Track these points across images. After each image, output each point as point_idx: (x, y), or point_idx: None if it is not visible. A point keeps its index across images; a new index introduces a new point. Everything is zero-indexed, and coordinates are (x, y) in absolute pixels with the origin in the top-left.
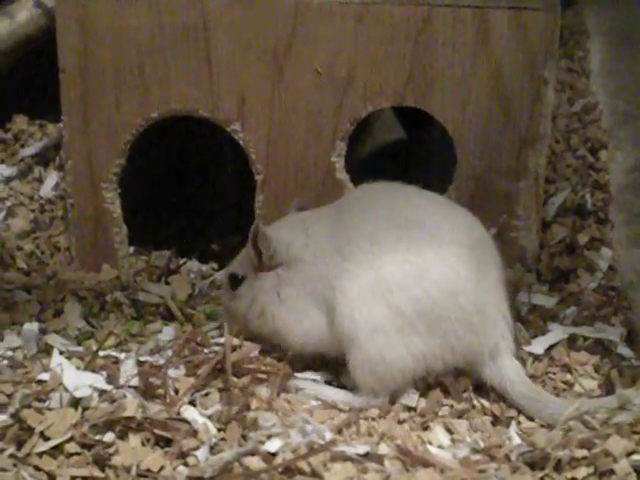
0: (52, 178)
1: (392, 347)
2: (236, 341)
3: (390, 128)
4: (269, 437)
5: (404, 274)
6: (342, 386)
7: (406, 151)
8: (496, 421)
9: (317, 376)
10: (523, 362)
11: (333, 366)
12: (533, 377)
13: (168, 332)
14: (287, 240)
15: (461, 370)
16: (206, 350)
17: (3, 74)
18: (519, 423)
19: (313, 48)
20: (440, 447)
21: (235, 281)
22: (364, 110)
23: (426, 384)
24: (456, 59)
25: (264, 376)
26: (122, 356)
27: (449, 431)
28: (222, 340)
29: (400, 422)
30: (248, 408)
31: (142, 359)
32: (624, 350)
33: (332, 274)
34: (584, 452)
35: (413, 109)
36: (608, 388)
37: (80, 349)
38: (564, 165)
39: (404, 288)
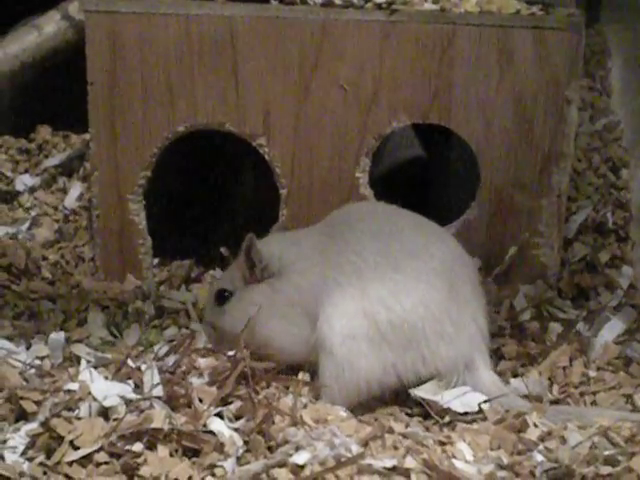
0: (76, 189)
1: (362, 355)
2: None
3: (409, 144)
4: (297, 449)
5: (384, 288)
6: None
7: (426, 167)
8: (519, 437)
9: None
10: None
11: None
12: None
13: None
14: (278, 252)
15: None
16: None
17: (29, 85)
18: (542, 440)
19: (339, 64)
20: (466, 462)
21: (222, 297)
22: (389, 126)
23: None
24: (480, 77)
25: (286, 386)
26: (144, 365)
27: (472, 446)
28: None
29: (425, 436)
30: (273, 421)
31: (162, 367)
32: None
33: (320, 284)
34: (608, 469)
35: (432, 125)
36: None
37: (105, 357)
38: (586, 183)
39: (381, 300)
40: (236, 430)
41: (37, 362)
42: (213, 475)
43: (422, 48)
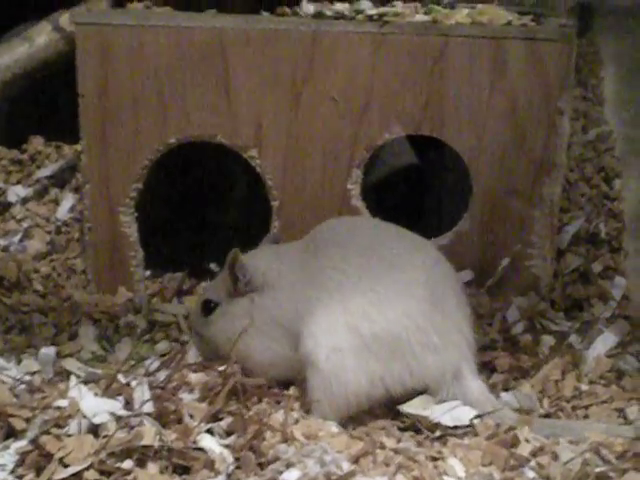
0: (68, 200)
1: (348, 368)
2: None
3: (402, 152)
4: (287, 466)
5: (367, 302)
6: None
7: (419, 175)
8: (510, 453)
9: None
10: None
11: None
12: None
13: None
14: (263, 268)
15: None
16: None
17: (21, 96)
18: (534, 455)
19: (330, 76)
20: (457, 478)
21: (208, 307)
22: (380, 138)
23: None
24: (472, 89)
25: (276, 400)
26: (134, 381)
27: (464, 462)
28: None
29: (416, 452)
30: (264, 437)
31: (153, 382)
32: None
33: (303, 301)
34: None
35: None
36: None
37: (95, 373)
38: (578, 194)
39: (364, 313)
40: (227, 447)
41: (27, 377)
42: None
43: (414, 60)
